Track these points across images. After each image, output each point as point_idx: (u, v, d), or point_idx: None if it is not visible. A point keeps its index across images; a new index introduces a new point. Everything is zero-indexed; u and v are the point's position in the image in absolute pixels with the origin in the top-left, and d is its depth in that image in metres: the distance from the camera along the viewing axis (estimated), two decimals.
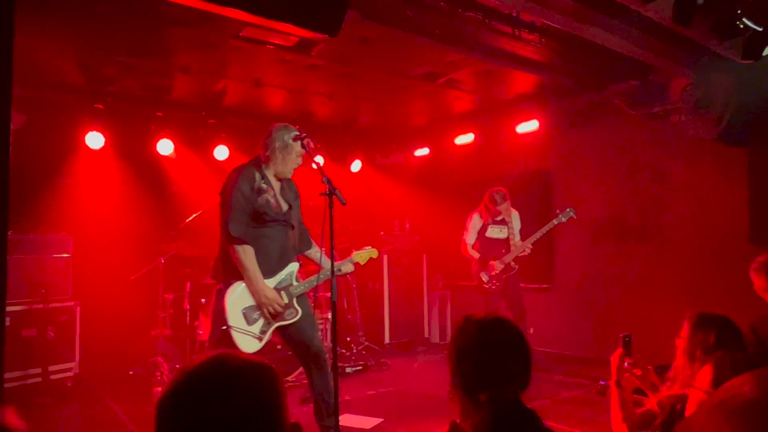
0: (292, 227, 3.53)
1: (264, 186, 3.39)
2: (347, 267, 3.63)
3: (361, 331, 6.79)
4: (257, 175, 3.40)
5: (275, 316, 3.37)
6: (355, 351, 6.33)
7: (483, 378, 1.45)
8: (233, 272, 3.34)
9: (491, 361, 1.46)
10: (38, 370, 5.00)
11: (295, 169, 3.52)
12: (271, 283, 3.40)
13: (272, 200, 3.41)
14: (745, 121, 4.37)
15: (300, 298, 3.48)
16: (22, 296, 5.04)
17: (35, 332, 5.07)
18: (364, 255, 3.76)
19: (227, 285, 3.36)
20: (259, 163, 3.48)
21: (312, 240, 3.74)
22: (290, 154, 3.42)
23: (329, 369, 3.30)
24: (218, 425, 0.94)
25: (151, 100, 6.08)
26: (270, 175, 3.47)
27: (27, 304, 5.07)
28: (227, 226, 3.30)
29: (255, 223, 3.36)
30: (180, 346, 5.55)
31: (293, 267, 3.51)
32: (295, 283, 3.47)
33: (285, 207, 3.50)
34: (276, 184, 3.50)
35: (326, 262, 3.58)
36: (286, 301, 3.41)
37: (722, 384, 1.85)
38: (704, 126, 4.52)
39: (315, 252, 3.70)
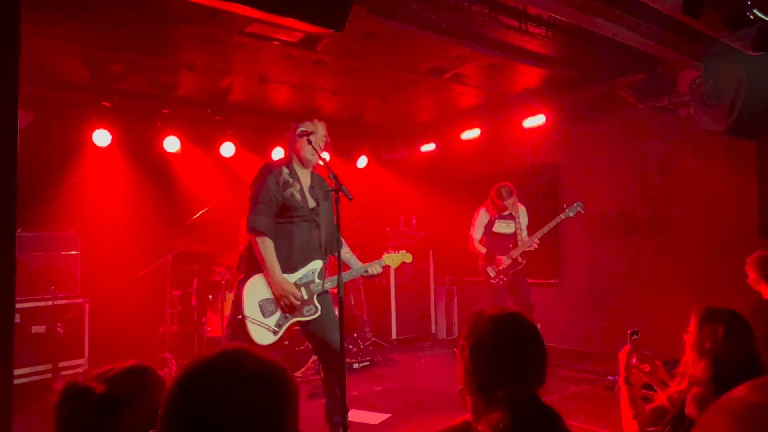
0: (318, 225, 3.53)
1: (290, 180, 3.44)
2: (374, 268, 3.59)
3: (368, 326, 6.81)
4: (285, 171, 3.46)
5: (292, 309, 3.37)
6: (362, 347, 6.34)
7: (499, 375, 1.39)
8: (255, 265, 3.37)
9: (507, 356, 1.40)
10: (48, 367, 5.04)
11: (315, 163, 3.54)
12: (292, 278, 3.40)
13: (297, 195, 3.44)
14: (755, 113, 4.31)
15: (322, 296, 3.47)
16: (31, 293, 5.08)
17: (45, 329, 5.13)
18: (396, 258, 3.70)
19: (248, 277, 3.39)
20: (289, 160, 3.55)
21: (344, 241, 3.70)
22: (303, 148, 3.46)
23: (344, 369, 3.31)
24: (223, 426, 0.89)
25: (157, 98, 6.09)
26: (299, 170, 3.51)
27: (36, 301, 5.12)
28: (248, 217, 3.36)
29: (280, 218, 3.40)
30: (188, 342, 5.58)
31: (316, 264, 3.50)
32: (317, 280, 3.47)
33: (312, 204, 3.51)
34: (305, 181, 3.53)
35: (356, 263, 3.60)
36: (305, 297, 3.41)
37: (721, 380, 1.85)
38: (714, 119, 4.46)
39: (345, 252, 3.67)
